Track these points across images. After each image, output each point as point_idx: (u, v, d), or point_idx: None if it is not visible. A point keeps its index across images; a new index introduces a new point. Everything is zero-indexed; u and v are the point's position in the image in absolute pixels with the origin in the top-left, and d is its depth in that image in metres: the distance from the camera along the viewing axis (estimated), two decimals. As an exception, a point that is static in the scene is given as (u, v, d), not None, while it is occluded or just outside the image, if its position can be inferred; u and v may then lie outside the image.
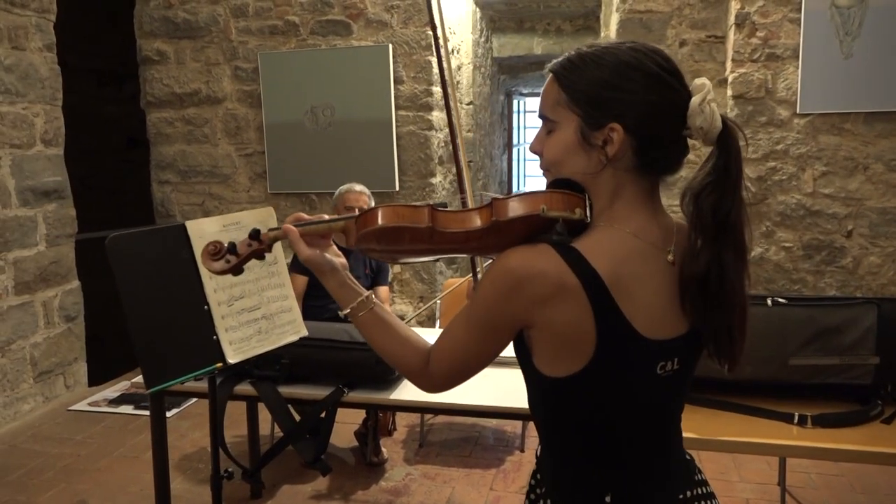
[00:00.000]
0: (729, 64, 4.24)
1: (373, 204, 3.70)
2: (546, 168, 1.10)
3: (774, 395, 2.16)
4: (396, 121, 4.81)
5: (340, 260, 1.19)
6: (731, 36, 4.21)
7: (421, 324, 4.74)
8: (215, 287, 1.72)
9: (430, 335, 1.41)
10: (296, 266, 3.65)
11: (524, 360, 1.07)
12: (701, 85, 1.01)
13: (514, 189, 8.32)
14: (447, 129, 5.16)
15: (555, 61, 1.08)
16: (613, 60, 1.01)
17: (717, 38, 4.44)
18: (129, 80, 5.48)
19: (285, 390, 2.30)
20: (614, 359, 1.00)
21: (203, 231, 1.71)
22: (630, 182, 1.04)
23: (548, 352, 1.02)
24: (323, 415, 2.19)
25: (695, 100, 1.00)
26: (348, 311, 1.15)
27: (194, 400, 4.09)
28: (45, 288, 4.30)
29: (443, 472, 3.41)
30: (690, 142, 1.06)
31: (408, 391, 2.30)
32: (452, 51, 5.22)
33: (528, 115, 9.16)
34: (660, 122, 1.01)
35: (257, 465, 2.25)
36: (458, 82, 5.41)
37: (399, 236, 1.07)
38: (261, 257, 1.20)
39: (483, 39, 5.93)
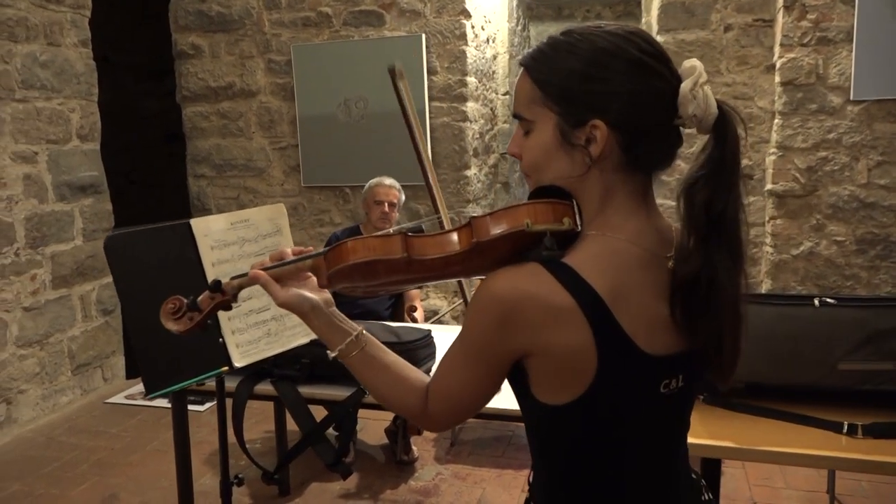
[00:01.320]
0: (777, 49, 4.03)
1: (403, 198, 3.63)
2: (527, 173, 0.99)
3: (821, 401, 2.01)
4: (430, 112, 4.72)
5: (324, 295, 1.08)
6: (780, 19, 4.00)
7: (456, 318, 4.66)
8: (222, 287, 1.66)
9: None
10: (325, 261, 3.60)
11: (520, 389, 0.97)
12: (691, 68, 0.91)
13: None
14: (482, 121, 5.06)
15: (526, 52, 0.98)
16: (589, 48, 0.91)
17: (764, 21, 4.23)
18: (167, 75, 5.51)
19: (306, 390, 2.24)
20: (616, 380, 0.91)
21: (209, 229, 1.65)
22: (620, 182, 0.94)
23: (547, 379, 0.93)
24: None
25: (685, 85, 0.90)
26: (337, 352, 1.05)
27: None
28: (82, 282, 4.34)
29: (474, 472, 3.33)
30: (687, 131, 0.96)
31: (431, 393, 2.22)
32: (487, 40, 5.11)
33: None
34: (647, 113, 0.91)
35: (276, 467, 2.20)
36: (493, 72, 5.29)
37: (373, 270, 0.98)
38: (227, 308, 1.12)
39: (520, 28, 5.79)
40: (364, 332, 1.08)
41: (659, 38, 4.34)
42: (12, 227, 3.88)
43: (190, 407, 2.57)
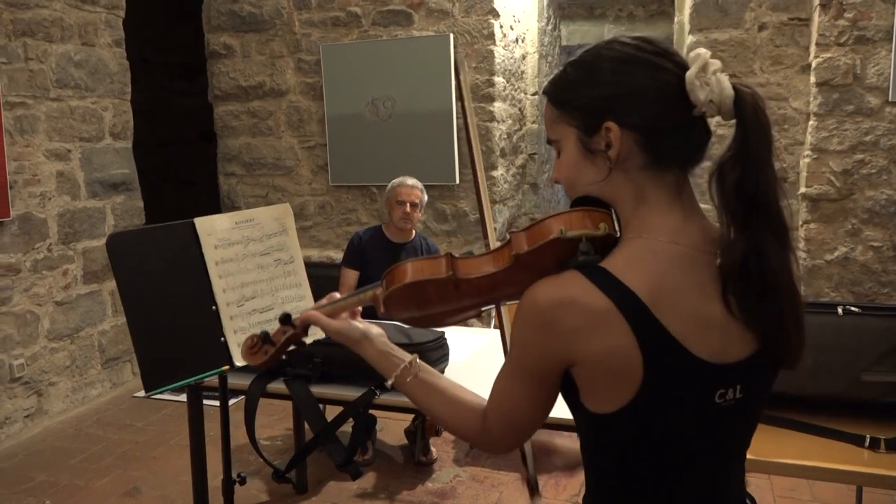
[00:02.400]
0: (813, 48, 3.92)
1: (425, 198, 3.61)
2: (567, 191, 1.02)
3: (844, 413, 1.94)
4: (457, 112, 4.69)
5: (375, 329, 1.14)
6: (816, 18, 3.89)
7: (480, 321, 4.63)
8: (224, 287, 1.66)
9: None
10: (347, 260, 3.61)
11: (572, 401, 0.96)
12: (695, 56, 0.90)
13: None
14: (510, 121, 5.02)
15: (548, 80, 1.02)
16: (590, 58, 0.96)
17: (800, 20, 4.12)
18: (200, 75, 5.59)
19: (318, 390, 2.24)
20: (665, 385, 0.89)
21: (213, 228, 1.65)
22: (649, 182, 0.94)
23: (594, 387, 0.92)
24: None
25: (690, 73, 0.90)
26: (392, 380, 1.09)
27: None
28: (112, 277, 4.41)
29: (492, 475, 3.31)
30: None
31: (442, 395, 2.20)
32: (517, 40, 5.07)
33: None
34: (656, 107, 0.92)
35: (287, 466, 2.20)
36: (522, 72, 5.25)
37: (424, 293, 1.01)
38: (300, 343, 1.19)
39: (550, 27, 5.74)
40: (417, 359, 1.11)
41: (691, 38, 4.26)
42: (45, 223, 3.97)
43: (213, 402, 2.60)
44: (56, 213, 4.03)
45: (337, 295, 1.16)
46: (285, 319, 1.17)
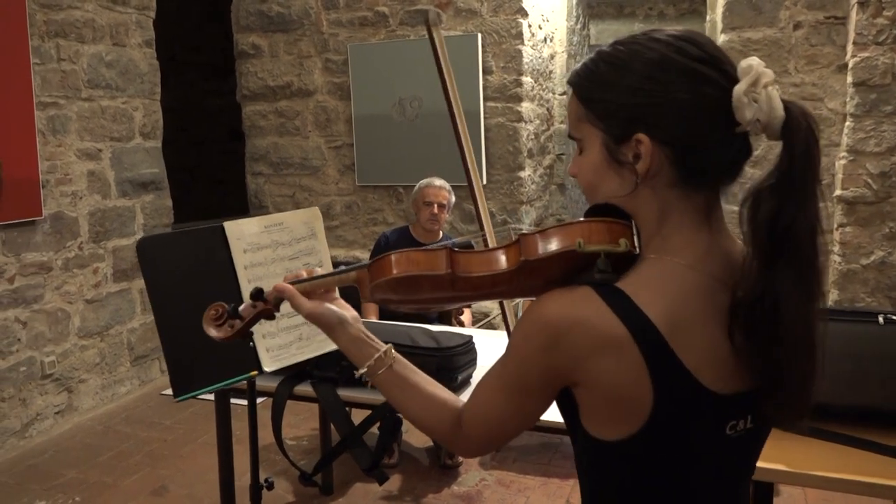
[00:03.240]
0: (850, 48, 3.83)
1: (453, 199, 3.59)
2: (584, 192, 0.95)
3: (883, 425, 1.89)
4: (485, 112, 4.67)
5: (350, 312, 1.07)
6: (854, 16, 3.80)
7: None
8: (253, 291, 1.65)
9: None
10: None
11: (569, 418, 0.91)
12: (747, 67, 0.81)
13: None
14: (538, 121, 4.98)
15: (573, 70, 0.93)
16: (630, 59, 0.85)
17: (836, 19, 4.02)
18: (230, 74, 5.63)
19: (345, 393, 2.23)
20: (675, 419, 0.83)
21: (242, 232, 1.64)
22: (677, 200, 0.86)
23: (597, 412, 0.87)
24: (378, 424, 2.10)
25: (738, 88, 0.81)
26: (364, 369, 1.02)
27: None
28: (141, 276, 4.46)
29: (518, 479, 3.28)
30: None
31: (469, 400, 2.18)
32: (545, 39, 5.03)
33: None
34: (695, 123, 0.83)
35: (313, 469, 2.20)
36: (550, 72, 5.20)
37: (416, 285, 0.95)
38: (270, 317, 1.11)
39: (579, 26, 5.69)
40: (392, 349, 1.03)
41: (723, 37, 4.18)
42: (76, 222, 4.02)
43: (240, 401, 2.60)
44: (87, 212, 4.08)
45: (319, 270, 1.08)
46: (257, 295, 1.10)
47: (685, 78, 0.83)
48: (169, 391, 4.39)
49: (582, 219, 0.88)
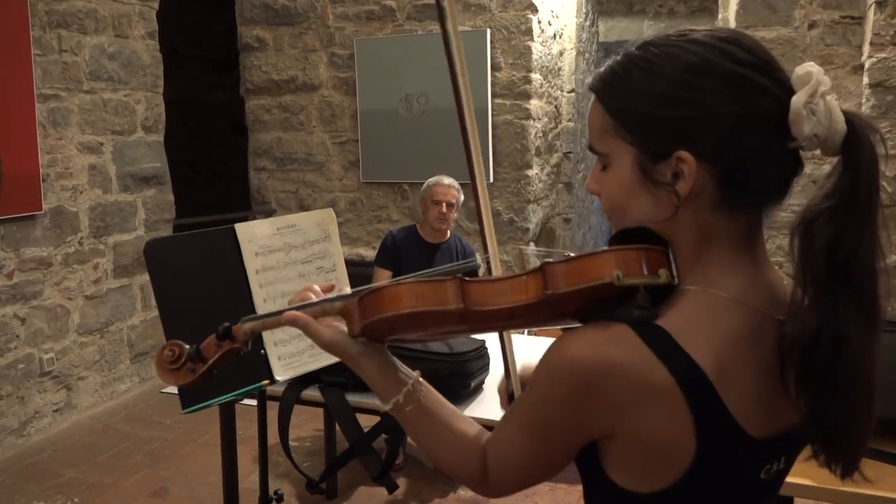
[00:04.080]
0: (867, 48, 3.76)
1: (461, 198, 3.52)
2: (607, 213, 0.83)
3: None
4: (492, 109, 4.60)
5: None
6: (871, 16, 3.73)
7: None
8: (265, 297, 1.58)
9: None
10: (381, 260, 3.54)
11: (588, 465, 0.81)
12: (805, 75, 0.72)
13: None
14: (546, 119, 4.91)
15: (596, 73, 0.80)
16: (671, 65, 0.74)
17: (853, 18, 3.96)
18: (233, 68, 5.56)
19: (353, 398, 2.17)
20: (715, 469, 0.75)
21: (254, 234, 1.57)
22: (720, 223, 0.76)
23: (630, 463, 0.77)
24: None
25: (797, 99, 0.71)
26: (391, 405, 0.88)
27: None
28: (142, 272, 4.39)
29: (526, 484, 3.21)
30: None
31: (482, 408, 2.11)
32: (554, 35, 4.95)
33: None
34: (746, 139, 0.73)
35: (321, 476, 2.13)
36: (559, 69, 5.13)
37: (421, 322, 0.82)
38: (237, 355, 0.94)
39: (588, 23, 5.61)
40: (420, 379, 0.90)
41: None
42: (77, 217, 3.94)
43: (245, 401, 2.54)
44: (87, 206, 4.00)
45: (317, 288, 0.94)
46: (224, 333, 0.93)
47: (733, 86, 0.73)
48: (169, 389, 4.34)
49: (614, 246, 0.77)
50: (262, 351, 1.59)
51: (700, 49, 0.74)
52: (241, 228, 1.56)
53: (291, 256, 1.62)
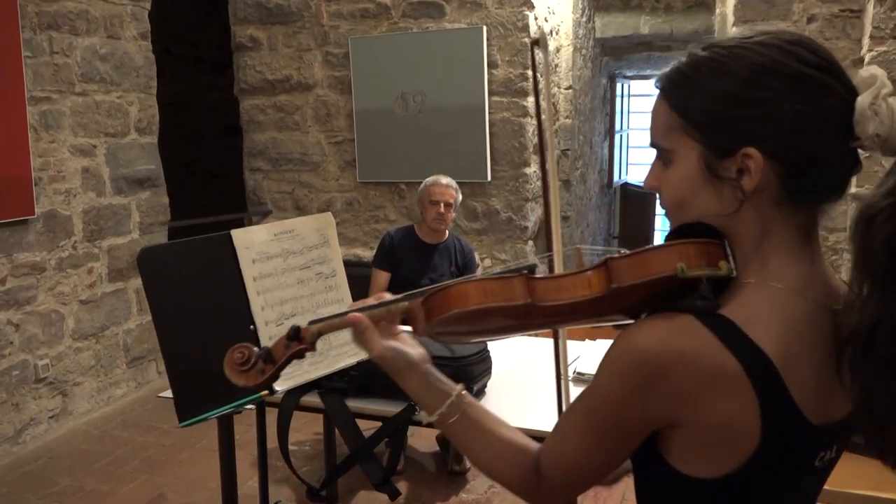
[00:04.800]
0: (866, 41, 3.73)
1: (459, 198, 3.48)
2: (667, 209, 0.85)
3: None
4: (489, 107, 4.56)
5: (418, 350, 0.95)
6: (870, 9, 3.70)
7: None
8: (263, 304, 1.53)
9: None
10: (379, 261, 3.50)
11: (647, 455, 0.83)
12: (870, 77, 0.74)
13: (616, 177, 7.89)
14: (543, 116, 4.86)
15: (662, 73, 0.84)
16: (739, 65, 0.77)
17: (852, 12, 3.92)
18: (227, 68, 5.51)
19: (354, 404, 2.12)
20: (777, 456, 0.78)
21: (251, 240, 1.53)
22: (780, 219, 0.79)
23: (691, 449, 0.79)
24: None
25: (862, 99, 0.74)
26: (437, 417, 0.91)
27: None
28: (137, 275, 4.31)
29: (528, 486, 3.18)
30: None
31: (486, 412, 2.07)
32: (551, 32, 4.91)
33: (632, 99, 8.67)
34: (812, 137, 0.76)
35: (321, 484, 2.09)
36: (556, 65, 5.09)
37: (485, 317, 0.85)
38: (301, 357, 0.97)
39: (585, 19, 5.57)
40: (464, 391, 0.93)
41: (735, 31, 4.08)
42: (70, 220, 3.89)
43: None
44: (81, 210, 3.95)
45: (387, 295, 0.95)
46: (295, 334, 0.96)
47: (800, 86, 0.76)
48: (166, 393, 4.28)
49: (675, 241, 0.80)
50: (261, 361, 1.54)
51: (767, 50, 0.77)
52: (237, 234, 1.52)
53: (290, 263, 1.58)
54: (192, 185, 7.22)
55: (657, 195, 0.87)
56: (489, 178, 4.61)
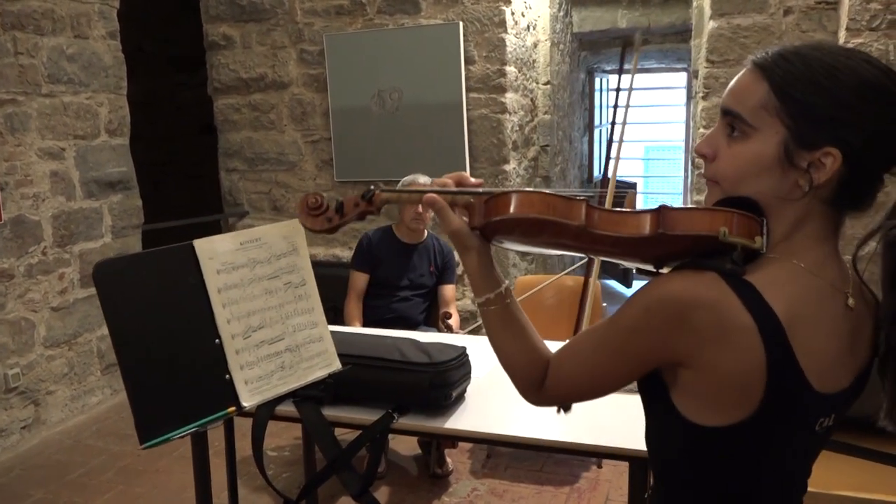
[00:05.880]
0: (843, 33, 3.73)
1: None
2: (716, 179, 0.92)
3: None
4: (467, 104, 4.50)
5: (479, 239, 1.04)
6: (847, 1, 3.69)
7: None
8: (229, 317, 1.47)
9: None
10: (357, 263, 3.45)
11: (656, 396, 0.93)
12: None
13: (595, 174, 7.87)
14: (522, 112, 4.83)
15: (762, 55, 0.89)
16: (851, 76, 0.84)
17: (828, 4, 3.92)
18: (201, 66, 5.40)
19: (330, 413, 2.07)
20: (779, 414, 0.87)
21: (215, 250, 1.46)
22: (819, 214, 0.89)
23: (700, 396, 0.88)
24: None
25: None
26: (483, 300, 1.02)
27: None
28: (111, 280, 4.26)
29: (511, 488, 3.15)
30: None
31: (465, 419, 2.03)
32: (528, 27, 4.87)
33: (611, 94, 8.65)
34: (883, 155, 0.86)
35: (298, 495, 2.04)
36: (533, 61, 5.05)
37: (540, 229, 0.93)
38: (362, 219, 1.09)
39: (562, 14, 5.53)
40: (510, 287, 1.04)
41: (713, 24, 4.06)
42: (39, 226, 3.80)
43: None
44: (50, 214, 3.86)
45: (450, 182, 1.04)
46: (368, 196, 1.05)
47: (892, 108, 0.84)
48: (143, 400, 4.22)
49: (725, 208, 0.87)
50: (227, 376, 1.48)
51: (875, 71, 0.85)
52: (200, 245, 1.45)
53: (257, 272, 1.51)
54: (168, 187, 7.11)
55: (692, 159, 0.94)
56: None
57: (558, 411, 1.10)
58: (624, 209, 0.92)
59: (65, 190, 3.94)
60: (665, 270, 0.93)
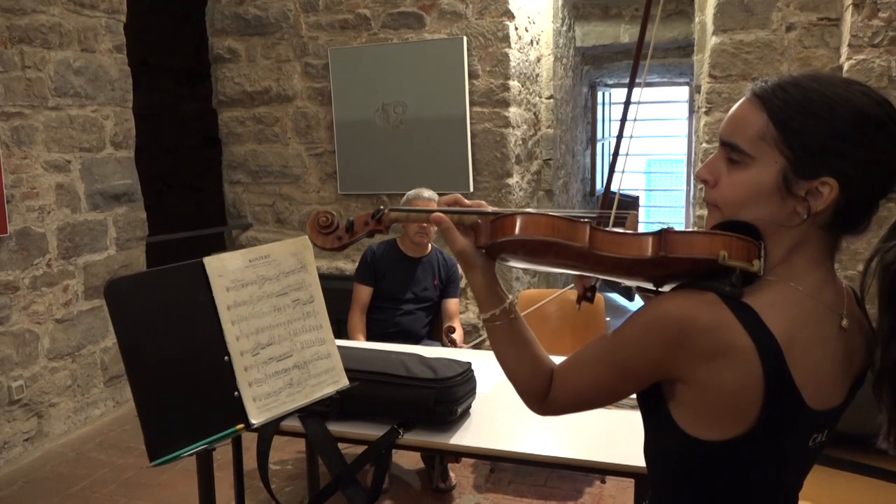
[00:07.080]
0: (845, 50, 3.74)
1: (442, 211, 3.44)
2: (717, 205, 0.94)
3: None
4: (471, 118, 4.53)
5: (485, 257, 1.08)
6: (848, 18, 3.71)
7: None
8: (238, 334, 1.48)
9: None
10: (361, 276, 3.45)
11: (655, 409, 0.96)
12: None
13: (598, 185, 7.89)
14: (525, 126, 4.85)
15: (761, 84, 0.91)
16: (849, 109, 0.86)
17: (830, 20, 3.94)
18: (205, 79, 5.43)
19: (335, 428, 2.08)
20: (775, 430, 0.90)
21: (225, 268, 1.47)
22: (816, 238, 0.92)
23: (697, 411, 0.91)
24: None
25: None
26: (488, 316, 1.05)
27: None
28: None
29: (515, 503, 3.14)
30: None
31: (470, 435, 2.03)
32: (531, 42, 4.90)
33: (613, 108, 8.68)
34: (879, 185, 0.88)
35: (303, 511, 2.04)
36: (536, 75, 5.07)
37: (544, 250, 0.95)
38: (371, 237, 1.12)
39: (565, 28, 5.56)
40: (515, 302, 1.07)
41: (715, 39, 4.08)
42: (44, 238, 3.81)
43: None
44: (55, 227, 3.87)
45: (462, 199, 1.07)
46: (378, 215, 1.09)
47: (891, 143, 0.86)
48: (145, 412, 4.21)
49: (725, 232, 0.89)
50: (236, 393, 1.48)
51: (872, 103, 0.87)
52: (210, 262, 1.46)
53: (265, 289, 1.52)
54: (171, 200, 7.13)
55: (696, 184, 0.94)
56: (471, 190, 4.58)
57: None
58: (626, 231, 0.95)
59: (70, 202, 3.95)
60: (665, 289, 0.96)
